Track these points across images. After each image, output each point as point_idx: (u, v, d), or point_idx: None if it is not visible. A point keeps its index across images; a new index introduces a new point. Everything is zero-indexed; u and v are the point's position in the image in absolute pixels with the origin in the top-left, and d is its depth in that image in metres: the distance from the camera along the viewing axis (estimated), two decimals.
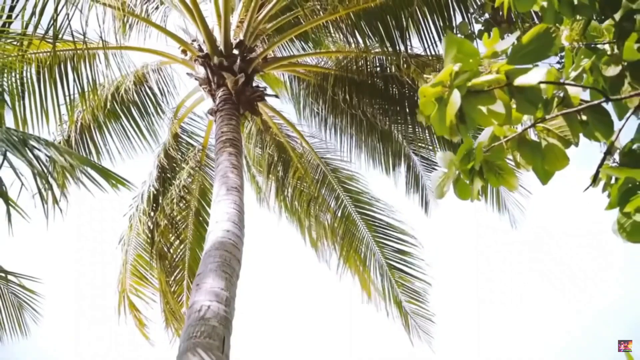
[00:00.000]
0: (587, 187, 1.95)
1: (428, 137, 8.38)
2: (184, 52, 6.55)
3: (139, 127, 7.47)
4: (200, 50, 6.19)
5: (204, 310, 2.96)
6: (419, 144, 8.70)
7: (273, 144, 7.90)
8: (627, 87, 1.85)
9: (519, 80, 1.49)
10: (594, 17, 2.05)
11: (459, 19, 5.20)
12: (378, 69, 7.08)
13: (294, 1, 6.28)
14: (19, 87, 5.31)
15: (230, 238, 3.68)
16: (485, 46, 1.62)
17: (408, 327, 8.70)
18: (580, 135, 1.78)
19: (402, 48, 5.61)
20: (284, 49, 7.54)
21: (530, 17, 4.23)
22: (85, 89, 5.98)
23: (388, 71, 7.03)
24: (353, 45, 6.43)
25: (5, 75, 5.07)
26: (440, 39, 5.51)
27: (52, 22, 4.97)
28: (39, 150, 2.99)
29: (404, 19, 5.44)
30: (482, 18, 4.98)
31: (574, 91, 1.81)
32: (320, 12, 6.07)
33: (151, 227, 7.97)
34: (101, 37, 5.35)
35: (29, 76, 5.52)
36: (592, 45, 1.98)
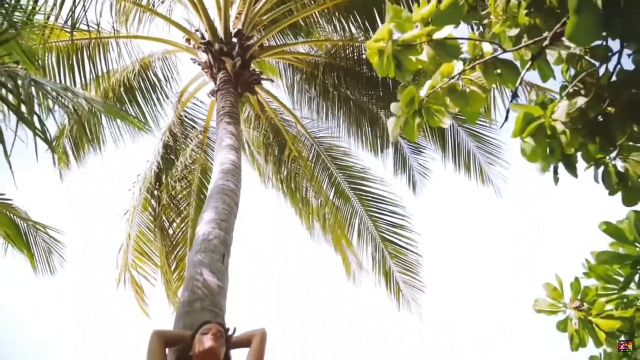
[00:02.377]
0: (502, 124, 2.47)
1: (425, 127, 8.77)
2: (187, 40, 7.09)
3: (142, 111, 7.82)
4: (203, 38, 6.74)
5: (207, 233, 3.58)
6: None
7: (269, 127, 8.39)
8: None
9: (435, 35, 2.03)
10: None
11: None
12: (364, 56, 7.55)
13: None
14: (41, 72, 5.78)
15: (228, 185, 4.30)
16: (415, 12, 2.15)
17: (399, 298, 8.97)
18: None
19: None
20: (279, 39, 8.02)
21: None
22: (99, 74, 6.49)
23: None
24: (341, 35, 6.95)
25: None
26: None
27: (70, 13, 5.48)
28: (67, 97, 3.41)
29: (384, 10, 5.96)
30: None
31: (488, 49, 2.36)
32: (312, 2, 6.56)
33: (154, 205, 8.26)
34: (113, 27, 5.89)
35: (49, 62, 6.03)
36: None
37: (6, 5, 3.24)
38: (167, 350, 2.76)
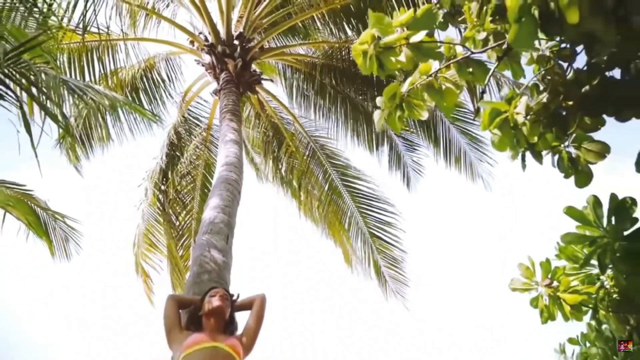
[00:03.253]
0: (475, 116, 2.74)
1: (409, 120, 9.02)
2: (191, 42, 7.36)
3: (140, 108, 8.04)
4: (206, 40, 7.01)
5: (213, 217, 3.90)
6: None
7: (269, 125, 8.66)
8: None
9: (412, 39, 2.30)
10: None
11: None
12: None
13: None
14: (61, 71, 6.03)
15: (231, 176, 4.59)
16: (395, 19, 2.42)
17: (386, 290, 9.17)
18: None
19: None
20: (278, 41, 8.28)
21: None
22: (107, 74, 6.77)
23: None
24: (337, 37, 7.22)
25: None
26: None
27: (81, 17, 5.75)
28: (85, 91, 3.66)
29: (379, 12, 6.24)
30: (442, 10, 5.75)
31: (461, 51, 2.63)
32: (309, 6, 6.81)
33: (162, 199, 8.54)
34: (122, 30, 6.15)
35: (61, 62, 6.29)
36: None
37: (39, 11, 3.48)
38: (180, 312, 3.07)
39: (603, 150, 2.27)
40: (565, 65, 2.38)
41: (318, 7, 6.80)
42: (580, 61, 2.32)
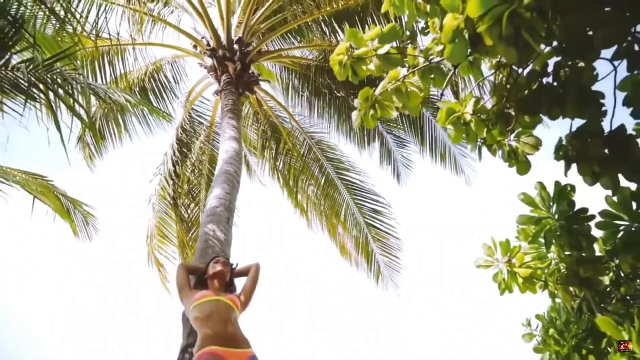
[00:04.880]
0: (437, 117, 3.11)
1: (398, 118, 9.35)
2: (194, 46, 7.71)
3: (155, 108, 8.43)
4: (208, 45, 7.36)
5: (215, 203, 4.31)
6: (391, 124, 9.55)
7: (266, 122, 9.03)
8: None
9: (379, 51, 2.68)
10: None
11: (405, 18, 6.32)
12: None
13: (282, 5, 7.42)
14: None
15: (230, 169, 5.01)
16: (366, 34, 2.80)
17: (379, 277, 9.49)
18: None
19: None
20: (275, 43, 8.62)
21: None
22: (117, 76, 7.14)
23: None
24: (330, 40, 7.59)
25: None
26: None
27: (94, 24, 6.12)
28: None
29: (365, 19, 6.63)
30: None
31: (422, 60, 3.01)
32: (303, 13, 7.16)
33: (172, 194, 8.88)
34: (131, 35, 6.52)
35: (76, 66, 6.65)
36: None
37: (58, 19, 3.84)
38: (190, 277, 3.56)
39: (536, 144, 2.65)
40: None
41: (311, 14, 7.16)
42: None
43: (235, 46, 7.30)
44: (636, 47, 2.11)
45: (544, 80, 2.63)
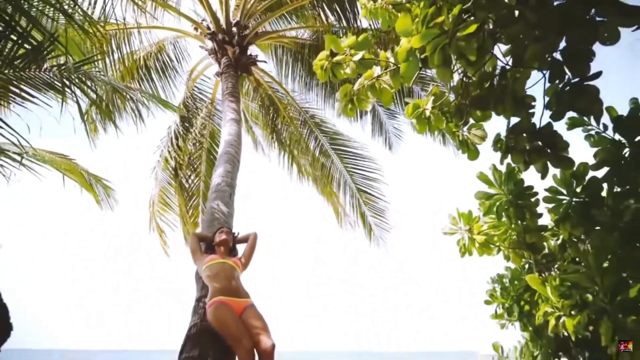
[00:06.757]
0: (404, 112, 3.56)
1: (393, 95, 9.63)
2: (195, 29, 7.99)
3: (157, 87, 8.76)
4: (208, 28, 7.66)
5: (219, 182, 4.84)
6: None
7: (265, 98, 9.40)
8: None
9: (354, 58, 3.11)
10: None
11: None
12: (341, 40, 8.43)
13: None
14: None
15: (231, 150, 5.50)
16: (344, 41, 3.22)
17: (372, 237, 10.06)
18: None
19: (353, 24, 7.12)
20: (272, 24, 8.88)
21: None
22: (124, 57, 7.48)
23: None
24: (322, 22, 7.88)
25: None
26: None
27: (102, 9, 6.42)
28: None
29: (354, 1, 6.96)
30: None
31: (393, 62, 3.43)
32: None
33: (174, 165, 9.33)
34: (136, 20, 6.83)
35: (85, 49, 6.98)
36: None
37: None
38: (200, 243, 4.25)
39: (483, 135, 3.13)
40: None
41: None
42: None
43: (234, 29, 7.58)
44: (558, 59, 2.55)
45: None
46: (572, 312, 3.12)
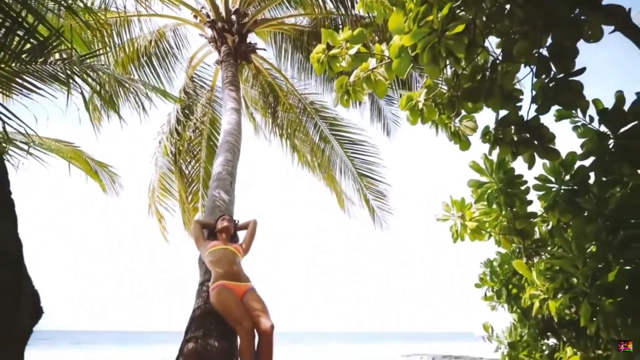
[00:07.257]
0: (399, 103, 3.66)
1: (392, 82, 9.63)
2: (195, 17, 8.00)
3: (157, 74, 8.80)
4: (208, 17, 7.67)
5: (220, 170, 4.97)
6: None
7: (265, 84, 9.45)
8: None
9: (349, 52, 3.20)
10: None
11: None
12: (340, 27, 8.47)
13: None
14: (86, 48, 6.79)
15: (231, 139, 5.62)
16: (340, 35, 3.30)
17: (374, 219, 10.14)
18: None
19: (351, 11, 7.16)
20: (271, 11, 8.87)
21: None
22: (125, 45, 7.52)
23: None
24: (321, 9, 7.90)
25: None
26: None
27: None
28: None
29: None
30: None
31: (387, 55, 3.51)
32: None
33: (174, 151, 9.39)
34: (136, 8, 6.85)
35: (87, 38, 7.01)
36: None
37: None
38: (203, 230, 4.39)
39: (473, 127, 3.23)
40: None
41: None
42: None
43: (233, 17, 7.60)
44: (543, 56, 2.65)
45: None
46: (557, 295, 3.27)
